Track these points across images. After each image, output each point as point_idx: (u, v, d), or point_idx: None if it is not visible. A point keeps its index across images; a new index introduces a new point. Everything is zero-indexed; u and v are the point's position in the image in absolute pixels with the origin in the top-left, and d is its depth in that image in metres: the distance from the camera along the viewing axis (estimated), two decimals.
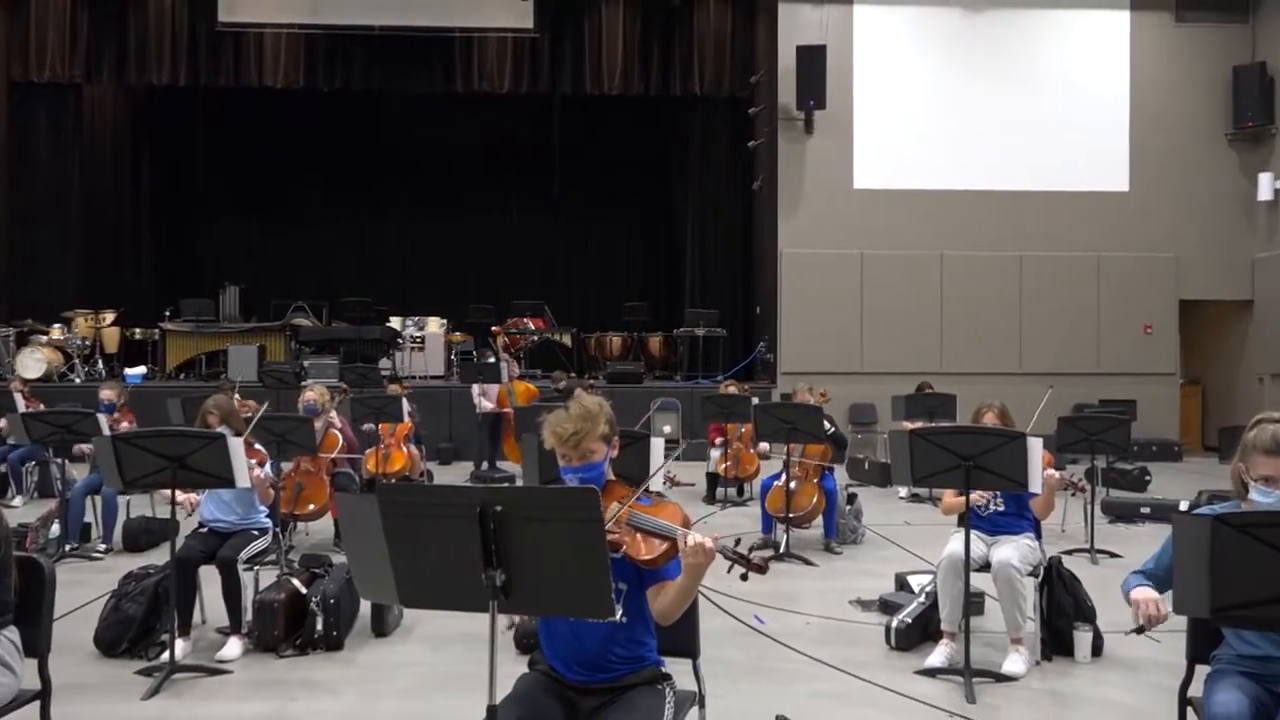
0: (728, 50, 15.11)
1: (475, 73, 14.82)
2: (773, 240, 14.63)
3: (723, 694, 4.22)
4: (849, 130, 14.44)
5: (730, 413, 9.30)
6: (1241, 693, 2.76)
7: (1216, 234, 14.53)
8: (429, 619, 5.47)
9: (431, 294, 16.53)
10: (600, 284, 18.23)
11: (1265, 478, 2.86)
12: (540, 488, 3.19)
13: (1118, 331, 14.42)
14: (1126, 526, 8.73)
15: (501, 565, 2.25)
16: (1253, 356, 14.56)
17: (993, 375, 13.29)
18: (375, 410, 8.48)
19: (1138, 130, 14.54)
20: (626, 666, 2.79)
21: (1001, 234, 14.38)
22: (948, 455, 4.47)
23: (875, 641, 5.22)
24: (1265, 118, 14.18)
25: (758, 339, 15.07)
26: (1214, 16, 14.63)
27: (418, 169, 17.50)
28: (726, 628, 5.50)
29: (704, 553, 2.61)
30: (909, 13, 14.54)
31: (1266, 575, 2.17)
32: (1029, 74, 14.54)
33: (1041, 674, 4.77)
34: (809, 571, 6.99)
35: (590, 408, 2.86)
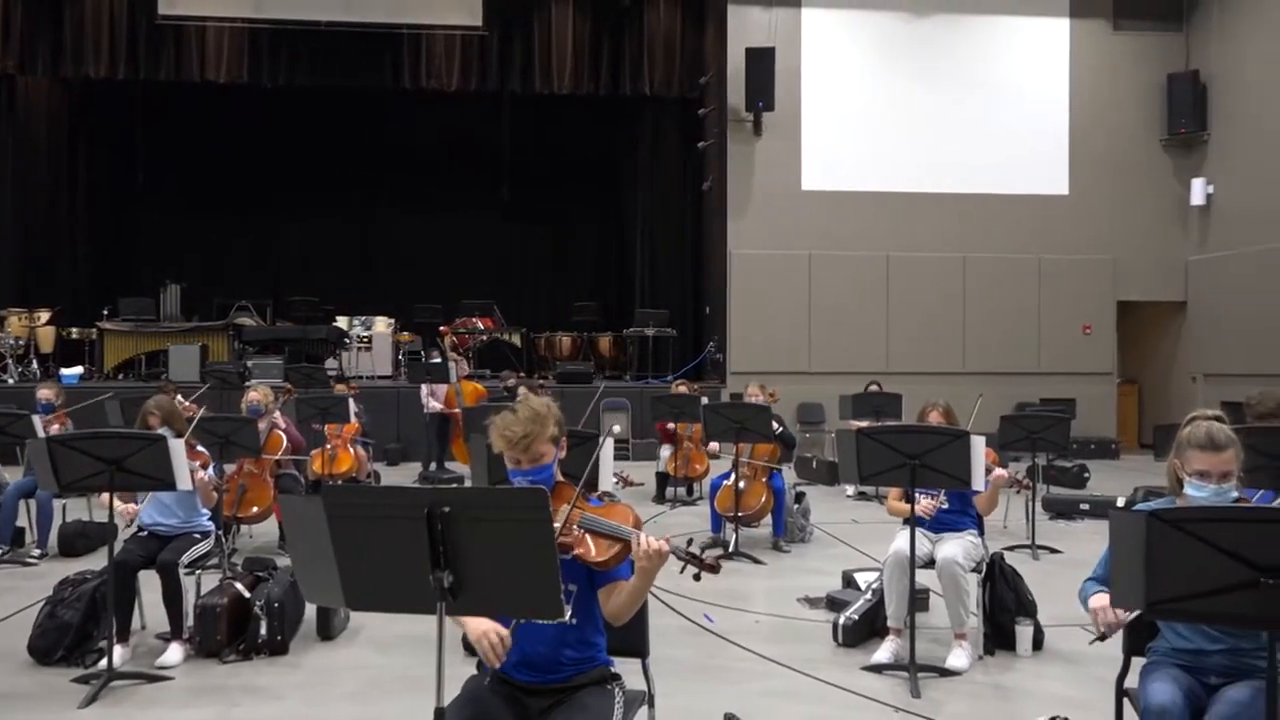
0: (677, 51, 15.15)
1: (423, 70, 14.69)
2: (722, 241, 14.71)
3: (672, 693, 4.22)
4: (797, 132, 14.58)
5: (680, 413, 9.32)
6: (1175, 684, 2.84)
7: (1152, 237, 14.92)
8: (376, 622, 5.41)
9: (379, 293, 16.34)
10: (550, 284, 18.16)
11: (1199, 472, 2.94)
12: (489, 488, 3.17)
13: (1057, 332, 14.74)
14: (1066, 523, 8.92)
15: (449, 566, 2.23)
16: (1186, 356, 14.97)
17: (937, 375, 13.51)
18: (321, 410, 8.37)
19: (1077, 135, 14.88)
20: (576, 667, 2.79)
21: (945, 236, 14.62)
22: (893, 454, 4.54)
23: (823, 638, 5.27)
24: (1197, 124, 14.59)
25: (707, 339, 15.14)
26: (1150, 25, 15.02)
27: (365, 167, 17.29)
28: (676, 627, 5.52)
29: (658, 555, 2.62)
30: (855, 17, 14.72)
31: (1198, 570, 2.23)
32: (972, 78, 14.79)
33: (984, 668, 4.85)
34: (758, 570, 7.04)
35: (538, 409, 2.84)
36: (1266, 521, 2.24)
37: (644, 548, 2.61)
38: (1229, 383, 13.29)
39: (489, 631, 2.58)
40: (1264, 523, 2.23)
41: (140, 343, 14.09)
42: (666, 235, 16.32)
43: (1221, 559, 2.20)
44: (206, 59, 14.37)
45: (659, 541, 2.62)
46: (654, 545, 2.61)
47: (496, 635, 2.57)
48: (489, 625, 2.60)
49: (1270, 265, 13.27)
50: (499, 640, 2.57)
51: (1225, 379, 13.70)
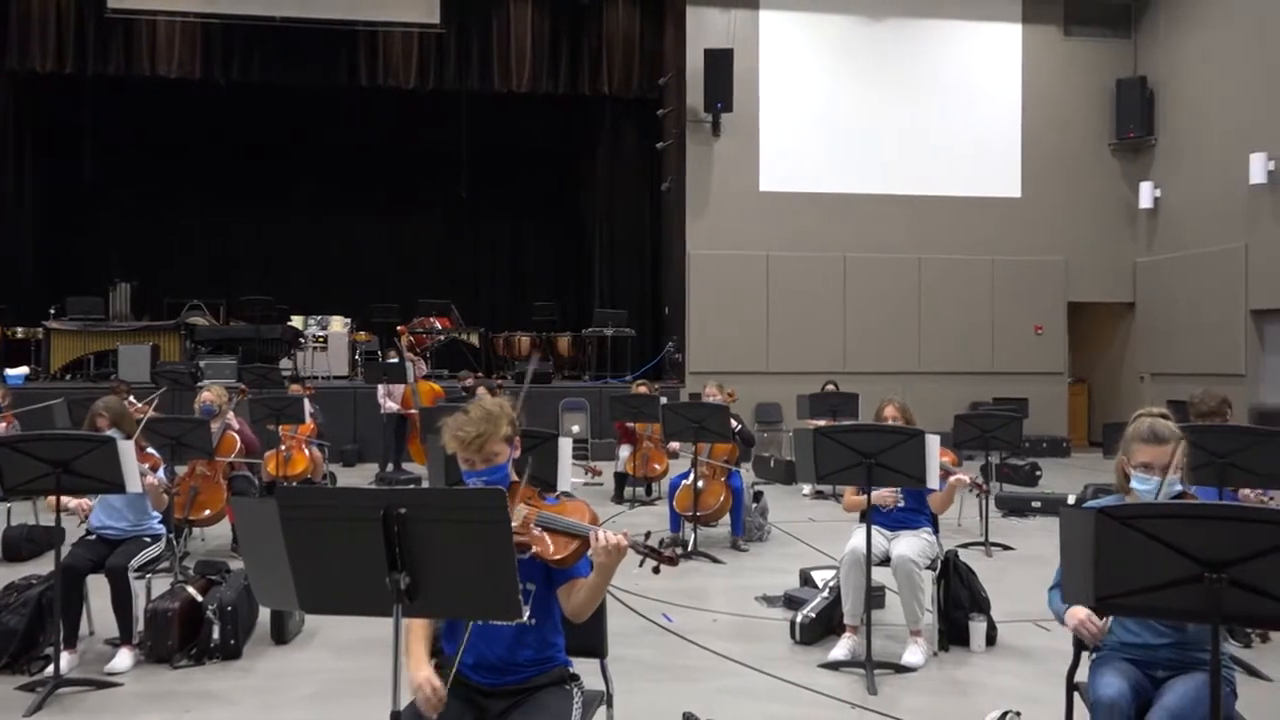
0: (636, 51, 15.17)
1: (380, 68, 14.56)
2: (681, 241, 14.75)
3: (631, 692, 4.23)
4: (755, 133, 14.66)
5: (639, 412, 9.34)
6: (1123, 678, 2.90)
7: (1102, 239, 15.21)
8: (331, 625, 5.36)
9: (335, 293, 16.17)
10: (508, 283, 18.10)
11: (1143, 465, 3.02)
12: (445, 489, 3.15)
13: (1010, 332, 14.98)
14: (1019, 520, 9.06)
15: (406, 568, 2.21)
16: (1134, 356, 15.29)
17: (893, 374, 13.67)
18: (276, 411, 8.25)
19: (1029, 138, 15.13)
20: (534, 668, 2.78)
21: (901, 237, 14.78)
22: (850, 453, 4.58)
23: (781, 636, 5.31)
24: (1145, 129, 14.90)
25: (666, 339, 15.18)
26: (1099, 31, 15.32)
27: (322, 165, 17.09)
28: (635, 626, 5.52)
29: (617, 550, 2.62)
30: (813, 19, 14.83)
31: (1145, 565, 2.27)
32: (927, 82, 14.98)
33: (939, 664, 4.91)
34: (716, 569, 7.06)
35: (491, 409, 2.83)
36: (1210, 518, 2.30)
37: (602, 543, 2.61)
38: (1175, 382, 13.59)
39: (425, 683, 2.59)
40: (1207, 519, 2.29)
41: (89, 342, 13.81)
42: (625, 235, 16.33)
43: (1167, 554, 2.25)
44: (158, 54, 14.12)
45: (617, 536, 2.63)
46: (612, 540, 2.61)
47: (431, 688, 2.58)
48: (425, 675, 2.61)
49: (1214, 267, 13.59)
50: (433, 693, 2.58)
51: (1172, 378, 14.01)
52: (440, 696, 2.58)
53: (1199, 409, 5.65)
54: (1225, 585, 2.20)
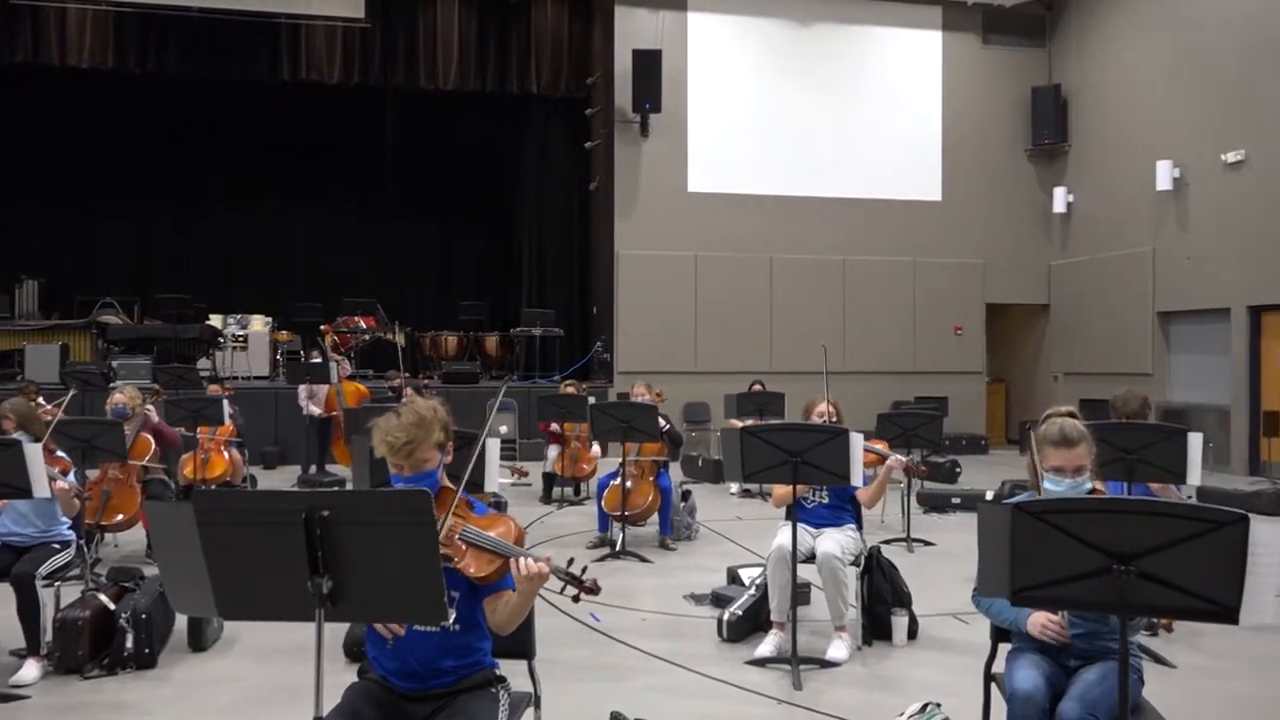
0: (565, 50, 15.12)
1: (303, 62, 14.26)
2: (609, 241, 14.76)
3: (559, 693, 4.22)
4: (683, 134, 14.74)
5: (567, 412, 9.32)
6: (1037, 670, 3.00)
7: (1018, 242, 15.66)
8: (252, 631, 5.23)
9: (256, 291, 15.79)
10: (435, 282, 17.88)
11: (1055, 468, 3.11)
12: (369, 491, 3.11)
13: (932, 332, 15.32)
14: (939, 516, 9.28)
15: (329, 572, 2.18)
16: (1049, 356, 15.78)
17: (819, 374, 13.79)
18: (193, 413, 8.04)
19: (949, 144, 15.50)
20: (459, 672, 2.75)
21: (827, 239, 15.02)
22: (776, 451, 4.63)
23: (708, 634, 5.35)
24: (1059, 135, 15.39)
25: (594, 339, 15.17)
26: (1015, 40, 15.76)
27: (242, 159, 16.67)
28: (563, 627, 5.51)
29: (538, 578, 2.61)
30: (740, 22, 14.97)
31: (1058, 558, 2.35)
32: (852, 87, 15.24)
33: (863, 658, 5.00)
34: (644, 568, 7.09)
35: (424, 413, 2.76)
36: (1117, 512, 2.38)
37: (524, 570, 2.59)
38: (1087, 381, 14.08)
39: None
40: (1115, 513, 2.37)
41: None
42: (554, 235, 16.28)
43: (1079, 548, 2.32)
44: (67, 43, 13.61)
45: (538, 564, 2.60)
46: (533, 568, 2.59)
47: None
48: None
49: (1123, 270, 14.10)
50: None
51: (1083, 377, 14.50)
52: None
53: (1122, 410, 5.82)
54: (1133, 577, 2.28)
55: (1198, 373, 13.12)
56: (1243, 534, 2.23)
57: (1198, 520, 2.26)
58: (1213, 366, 12.83)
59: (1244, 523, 2.23)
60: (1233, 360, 12.46)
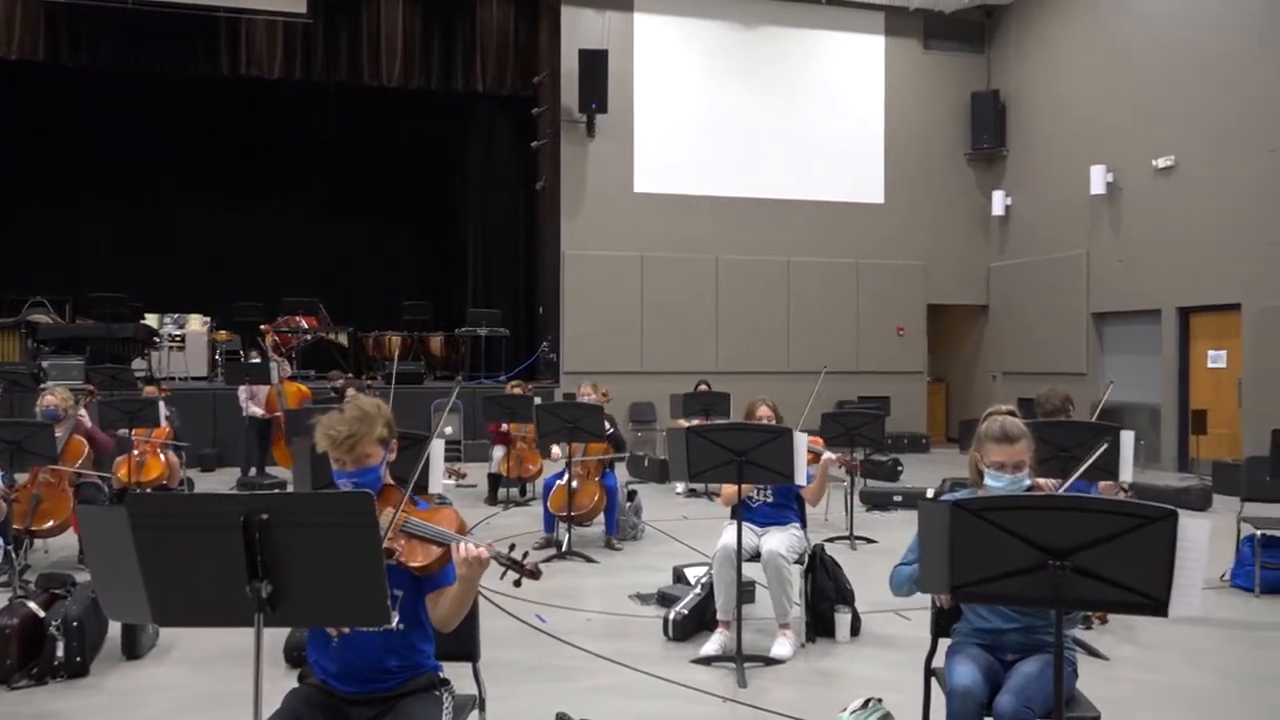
0: (511, 49, 15.03)
1: (243, 57, 13.99)
2: (555, 241, 14.72)
3: (504, 695, 4.19)
4: (630, 135, 14.76)
5: (513, 413, 9.28)
6: (975, 664, 3.06)
7: (958, 244, 15.95)
8: (188, 637, 5.12)
9: (193, 290, 15.44)
10: (378, 281, 17.65)
11: (996, 464, 3.18)
12: (310, 493, 3.06)
13: (874, 333, 15.54)
14: (881, 514, 9.42)
15: (268, 576, 2.14)
16: (987, 356, 16.10)
17: (763, 374, 13.97)
18: (128, 414, 7.84)
19: (891, 147, 15.72)
20: (402, 675, 2.72)
21: (771, 240, 15.14)
22: (721, 451, 4.66)
23: (654, 634, 5.36)
24: (998, 140, 15.70)
25: (541, 339, 15.11)
26: (956, 46, 16.05)
27: (179, 156, 16.29)
28: (508, 628, 5.48)
29: (478, 562, 2.59)
30: (687, 24, 15.03)
31: (996, 554, 2.39)
32: (797, 90, 15.39)
33: (806, 655, 5.05)
34: (590, 569, 7.08)
35: (367, 409, 2.76)
36: (1053, 509, 2.43)
37: (463, 554, 2.58)
38: (1024, 380, 14.36)
39: None
40: (1051, 510, 2.42)
41: None
42: (500, 234, 16.18)
43: (1016, 544, 2.37)
44: None
45: (479, 548, 2.60)
46: (474, 551, 2.58)
47: None
48: None
49: (1059, 272, 14.44)
50: None
51: (1021, 377, 14.80)
52: None
53: (1044, 408, 5.99)
54: (1068, 572, 2.34)
55: (1130, 372, 13.48)
56: (1171, 529, 2.30)
57: (1129, 516, 2.32)
58: (1144, 366, 13.19)
59: (1173, 518, 2.30)
60: (1163, 360, 12.82)
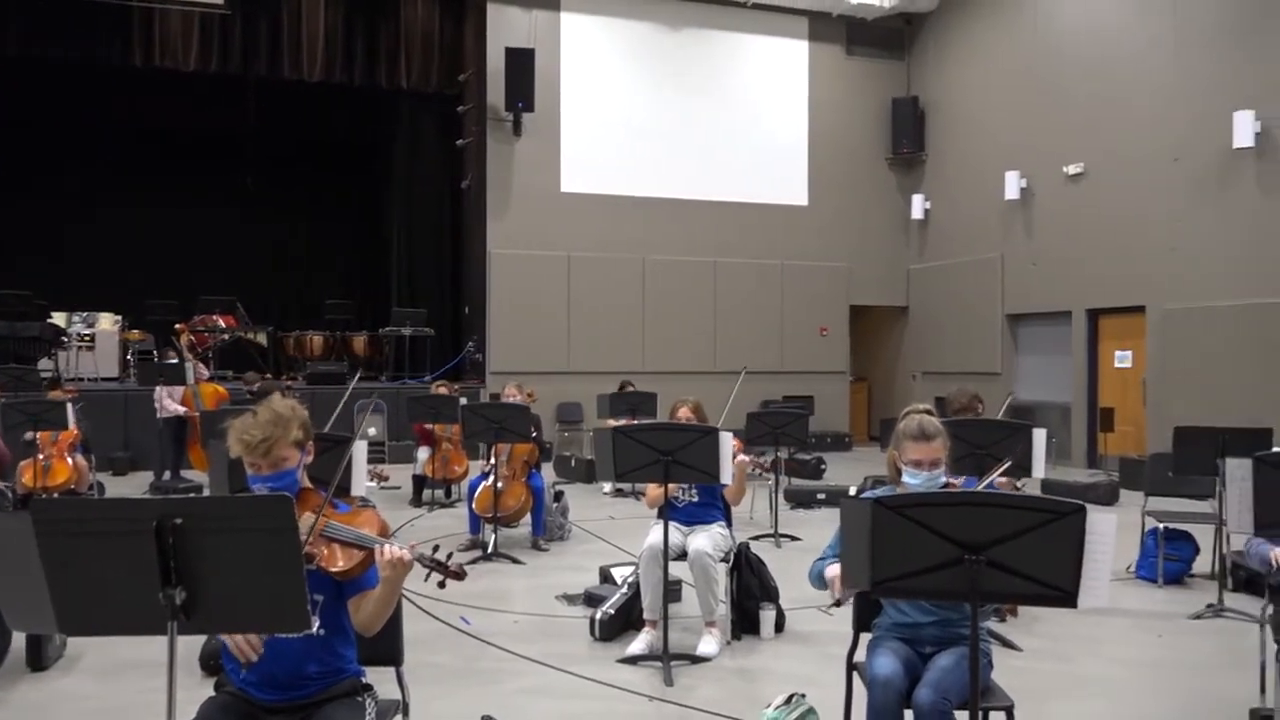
0: (436, 46, 14.86)
1: (156, 47, 13.56)
2: (481, 240, 14.60)
3: (428, 699, 4.15)
4: (556, 134, 14.71)
5: (438, 413, 9.18)
6: (895, 656, 3.13)
7: (879, 247, 16.27)
8: (98, 647, 4.95)
9: (104, 288, 14.89)
10: (299, 280, 17.29)
11: (913, 461, 3.26)
12: (226, 496, 2.98)
13: (798, 333, 15.76)
14: (805, 511, 9.55)
15: (182, 582, 2.08)
16: (908, 356, 16.45)
17: (690, 374, 14.06)
18: (33, 416, 7.55)
19: (815, 150, 15.96)
20: (323, 681, 2.68)
21: (698, 241, 15.25)
22: (648, 451, 4.68)
23: (581, 634, 5.36)
24: (917, 145, 16.06)
25: (466, 339, 14.98)
26: (877, 52, 16.36)
27: (91, 148, 15.74)
28: (432, 631, 5.42)
29: (401, 565, 2.56)
30: (613, 24, 15.04)
31: (914, 550, 2.45)
32: (723, 92, 15.51)
33: (732, 653, 5.10)
34: (517, 570, 7.04)
35: (282, 411, 2.71)
36: (969, 505, 2.50)
37: (386, 556, 2.55)
38: (942, 380, 14.71)
39: None
40: (967, 506, 2.49)
41: None
42: (424, 233, 15.99)
43: (934, 539, 2.43)
44: None
45: (402, 550, 2.57)
46: (396, 554, 2.55)
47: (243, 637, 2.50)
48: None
49: (975, 274, 14.83)
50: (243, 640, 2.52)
51: (939, 376, 15.16)
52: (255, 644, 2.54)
53: (953, 407, 6.18)
54: (983, 566, 2.41)
55: (1042, 372, 13.92)
56: (1080, 524, 2.38)
57: (1040, 511, 2.40)
58: (1056, 366, 13.63)
59: (1081, 513, 2.38)
60: (1073, 360, 13.26)
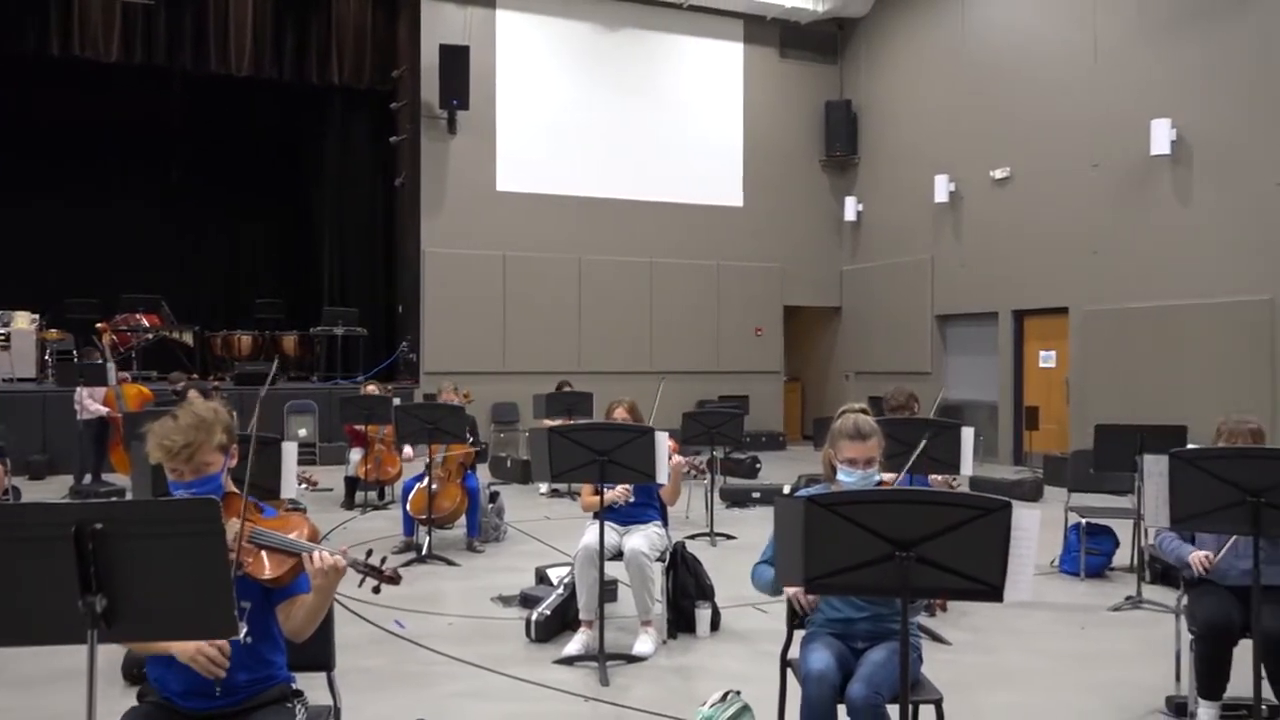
0: (368, 41, 14.65)
1: (76, 37, 13.13)
2: (415, 239, 14.44)
3: (361, 705, 4.09)
4: (492, 133, 14.61)
5: (370, 414, 9.06)
6: (828, 651, 3.17)
7: (813, 248, 16.48)
8: (15, 658, 4.78)
9: (20, 285, 14.33)
10: (227, 278, 16.91)
11: (848, 459, 3.31)
12: (150, 500, 2.91)
13: (733, 334, 15.88)
14: (740, 510, 9.63)
15: (103, 590, 2.01)
16: (841, 356, 16.69)
17: (626, 374, 14.08)
18: None
19: (749, 152, 16.10)
20: (251, 689, 2.62)
21: (634, 241, 15.27)
22: (584, 451, 4.67)
23: (516, 636, 5.33)
24: (850, 148, 16.30)
25: (400, 338, 14.80)
26: (810, 56, 16.57)
27: (3, 141, 15.14)
28: (364, 635, 5.34)
29: (334, 571, 2.52)
30: (549, 23, 14.99)
31: (846, 547, 2.49)
32: (658, 93, 15.56)
33: (668, 651, 5.12)
34: (451, 572, 6.98)
35: (204, 415, 2.63)
36: (900, 502, 2.55)
37: (318, 564, 2.50)
38: (875, 380, 14.96)
39: (201, 649, 2.42)
40: (898, 503, 2.54)
41: None
42: (357, 231, 15.76)
43: (865, 536, 2.47)
44: None
45: (334, 556, 2.52)
46: (329, 560, 2.51)
47: (211, 649, 2.42)
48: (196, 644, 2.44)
49: (906, 276, 15.10)
50: (215, 652, 2.43)
51: (872, 376, 15.41)
52: (225, 651, 2.45)
53: (890, 405, 6.30)
54: (913, 562, 2.45)
55: (970, 371, 14.24)
56: (1006, 520, 2.44)
57: (968, 508, 2.46)
58: (983, 366, 13.95)
59: (1008, 509, 2.44)
60: (1000, 360, 13.59)
